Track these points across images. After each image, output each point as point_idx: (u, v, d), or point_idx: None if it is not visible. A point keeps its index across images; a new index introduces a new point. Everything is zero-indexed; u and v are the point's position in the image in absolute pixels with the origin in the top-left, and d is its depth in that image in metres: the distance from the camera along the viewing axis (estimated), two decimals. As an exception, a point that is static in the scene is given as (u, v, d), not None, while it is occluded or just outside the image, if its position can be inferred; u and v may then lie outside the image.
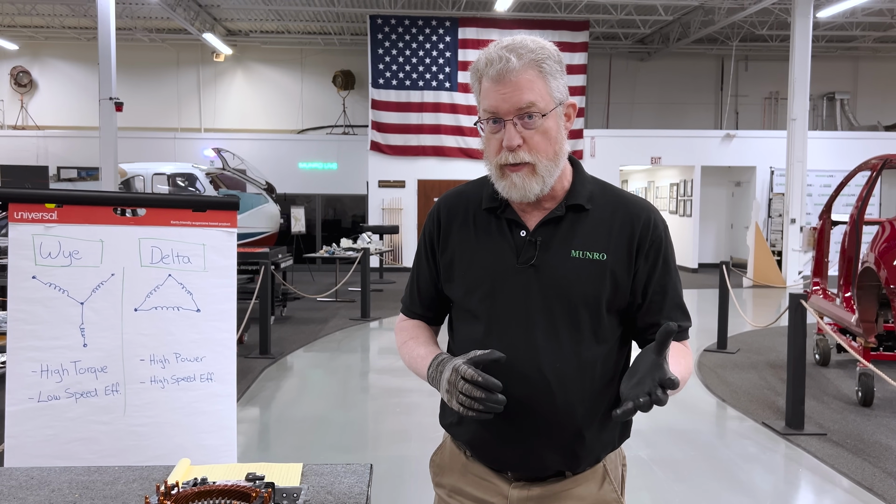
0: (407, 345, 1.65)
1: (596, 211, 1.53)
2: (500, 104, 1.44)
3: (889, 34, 16.68)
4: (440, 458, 1.69)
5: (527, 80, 1.42)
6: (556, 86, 1.46)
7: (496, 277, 1.51)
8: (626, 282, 1.51)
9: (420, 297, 1.69)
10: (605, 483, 1.57)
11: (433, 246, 1.63)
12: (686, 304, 1.60)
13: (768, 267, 13.89)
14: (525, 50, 1.43)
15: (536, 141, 1.45)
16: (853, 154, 14.77)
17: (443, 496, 1.66)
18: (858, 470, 4.36)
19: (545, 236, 1.50)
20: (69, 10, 15.55)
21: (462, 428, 1.58)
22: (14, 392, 2.32)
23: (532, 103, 1.42)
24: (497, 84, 1.43)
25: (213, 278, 2.53)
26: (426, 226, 1.67)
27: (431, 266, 1.65)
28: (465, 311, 1.58)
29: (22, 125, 17.95)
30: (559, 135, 1.48)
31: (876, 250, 5.88)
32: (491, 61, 1.44)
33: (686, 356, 1.57)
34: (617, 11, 15.34)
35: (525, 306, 1.49)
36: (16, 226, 2.35)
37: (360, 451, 4.75)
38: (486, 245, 1.54)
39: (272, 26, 17.15)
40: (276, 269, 8.67)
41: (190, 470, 1.64)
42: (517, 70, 1.42)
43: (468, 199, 1.60)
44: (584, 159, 16.14)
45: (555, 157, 1.47)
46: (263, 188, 13.99)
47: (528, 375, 1.45)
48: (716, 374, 6.76)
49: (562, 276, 1.48)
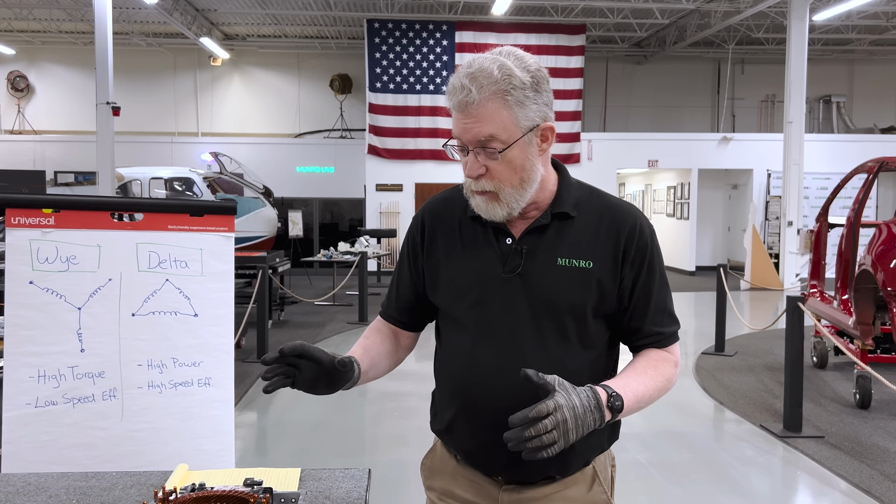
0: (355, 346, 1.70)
1: (582, 218, 1.52)
2: (461, 134, 1.43)
3: (885, 37, 16.73)
4: (431, 462, 1.69)
5: (488, 113, 1.39)
6: (523, 114, 1.41)
7: (483, 286, 1.51)
8: (613, 289, 1.51)
9: (398, 301, 1.69)
10: (594, 485, 1.57)
11: (416, 251, 1.63)
12: (673, 308, 1.58)
13: (765, 270, 13.91)
14: (488, 80, 1.38)
15: (499, 171, 1.44)
16: (849, 157, 14.80)
17: (434, 499, 1.66)
18: (856, 472, 4.36)
19: (531, 245, 1.50)
20: (66, 14, 15.54)
21: (453, 435, 1.58)
22: (11, 398, 2.32)
23: (492, 136, 1.40)
24: (459, 113, 1.42)
25: (210, 283, 2.53)
26: (410, 230, 1.67)
27: (413, 271, 1.65)
28: (451, 320, 1.57)
29: (19, 130, 17.93)
30: (527, 162, 1.45)
31: (873, 253, 5.89)
32: (454, 90, 1.41)
33: (661, 366, 1.54)
34: (613, 15, 15.37)
35: (512, 315, 1.49)
36: (13, 231, 2.34)
37: (358, 456, 4.75)
38: (472, 253, 1.53)
39: (269, 30, 17.16)
40: (273, 273, 8.66)
41: (188, 475, 1.63)
42: (477, 103, 1.39)
43: (454, 205, 1.59)
44: (581, 163, 16.17)
45: (521, 185, 1.46)
46: (261, 192, 13.99)
47: (516, 384, 1.44)
48: (713, 377, 6.76)
49: (548, 285, 1.48)
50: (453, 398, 1.55)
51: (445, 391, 1.59)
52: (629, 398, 1.42)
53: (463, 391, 1.53)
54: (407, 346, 1.74)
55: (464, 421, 1.54)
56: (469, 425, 1.53)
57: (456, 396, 1.55)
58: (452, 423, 1.56)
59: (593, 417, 1.34)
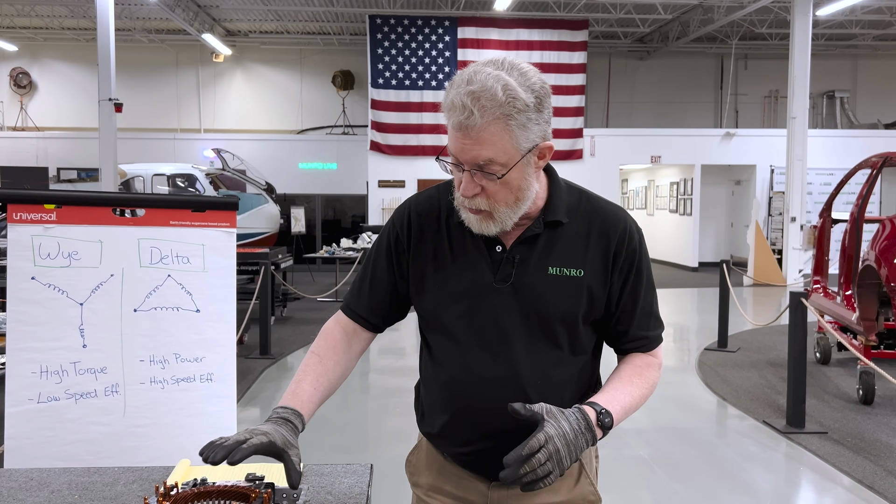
0: (307, 360, 1.57)
1: (573, 224, 1.50)
2: (459, 153, 1.37)
3: (888, 32, 16.67)
4: (416, 458, 1.69)
5: (488, 137, 1.33)
6: (524, 137, 1.36)
7: (473, 295, 1.48)
8: (602, 295, 1.50)
9: (370, 298, 1.59)
10: (581, 477, 1.58)
11: (400, 249, 1.56)
12: (658, 311, 1.58)
13: (769, 265, 13.89)
14: (492, 103, 1.31)
15: (494, 191, 1.39)
16: (853, 152, 14.76)
17: (420, 495, 1.66)
18: (859, 468, 4.35)
19: (522, 254, 1.48)
20: (68, 11, 15.54)
21: (444, 440, 1.57)
22: (14, 393, 2.32)
23: (491, 160, 1.35)
24: (458, 133, 1.35)
25: (212, 279, 2.53)
26: (392, 227, 1.58)
27: (392, 268, 1.57)
28: (440, 327, 1.54)
29: (21, 126, 17.95)
30: (523, 182, 1.41)
31: (876, 248, 5.88)
32: (454, 108, 1.34)
33: (646, 372, 1.54)
34: (616, 10, 15.33)
35: (504, 324, 1.47)
36: (15, 227, 2.34)
37: (361, 452, 4.75)
38: (462, 261, 1.50)
39: (271, 26, 17.14)
40: (276, 269, 8.66)
41: (190, 471, 1.64)
42: (478, 126, 1.33)
43: (440, 206, 1.55)
44: (583, 159, 16.15)
45: (515, 203, 1.42)
46: (263, 188, 13.99)
47: (508, 394, 1.43)
48: (716, 373, 6.76)
49: (539, 294, 1.46)
50: (445, 406, 1.54)
51: (437, 398, 1.57)
52: (617, 412, 1.42)
53: (456, 400, 1.51)
54: (357, 354, 1.63)
55: (456, 428, 1.53)
56: (462, 433, 1.52)
57: (448, 405, 1.53)
58: (444, 428, 1.55)
59: (585, 439, 1.34)
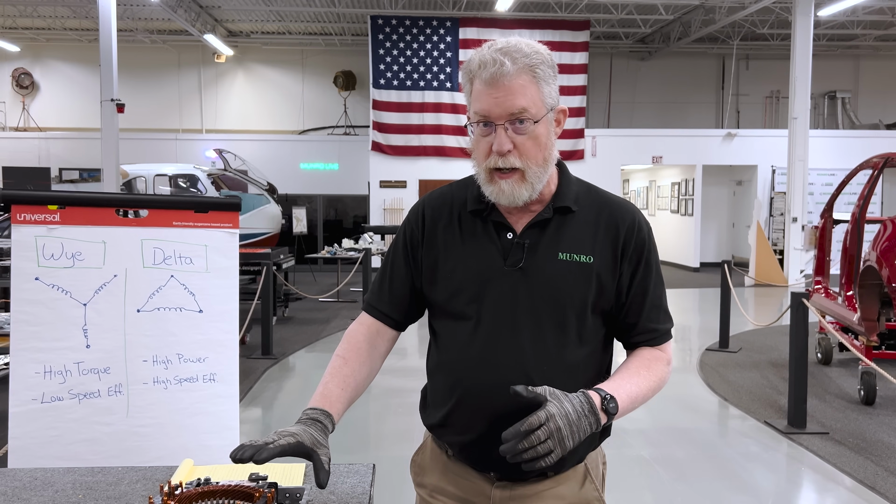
0: (332, 363, 1.58)
1: (582, 213, 1.53)
2: (492, 108, 1.42)
3: (890, 32, 16.66)
4: (421, 458, 1.69)
5: (520, 86, 1.41)
6: (548, 91, 1.44)
7: (483, 280, 1.50)
8: (611, 284, 1.52)
9: (390, 294, 1.63)
10: (586, 482, 1.57)
11: (415, 243, 1.60)
12: (667, 305, 1.60)
13: (770, 266, 13.88)
14: (520, 54, 1.41)
15: (527, 147, 1.44)
16: (854, 152, 14.76)
17: (424, 496, 1.65)
18: (861, 468, 4.36)
19: (533, 239, 1.50)
20: (70, 11, 15.57)
21: (447, 429, 1.57)
22: (17, 393, 2.33)
23: (524, 109, 1.41)
24: (490, 87, 1.41)
25: (215, 279, 2.53)
26: (407, 224, 1.63)
27: (409, 265, 1.61)
28: (448, 315, 1.55)
29: (24, 127, 17.97)
30: (549, 140, 1.47)
31: (878, 249, 5.88)
32: (484, 63, 1.41)
33: (654, 365, 1.55)
34: (617, 11, 15.34)
35: (512, 309, 1.48)
36: (18, 227, 2.35)
37: (363, 452, 4.76)
38: (473, 247, 1.53)
39: (273, 27, 17.16)
40: (277, 269, 8.68)
41: (193, 470, 1.64)
42: (511, 75, 1.40)
43: (452, 200, 1.59)
44: (585, 159, 16.14)
45: (544, 163, 1.47)
46: (265, 189, 14.01)
47: (514, 378, 1.44)
48: (718, 374, 6.76)
49: (549, 279, 1.48)
50: (450, 391, 1.54)
51: (442, 385, 1.57)
52: (623, 400, 1.43)
53: (460, 384, 1.51)
54: (382, 355, 1.64)
55: (460, 414, 1.52)
56: (465, 419, 1.52)
57: (453, 389, 1.53)
58: (448, 416, 1.54)
59: (588, 422, 1.35)
